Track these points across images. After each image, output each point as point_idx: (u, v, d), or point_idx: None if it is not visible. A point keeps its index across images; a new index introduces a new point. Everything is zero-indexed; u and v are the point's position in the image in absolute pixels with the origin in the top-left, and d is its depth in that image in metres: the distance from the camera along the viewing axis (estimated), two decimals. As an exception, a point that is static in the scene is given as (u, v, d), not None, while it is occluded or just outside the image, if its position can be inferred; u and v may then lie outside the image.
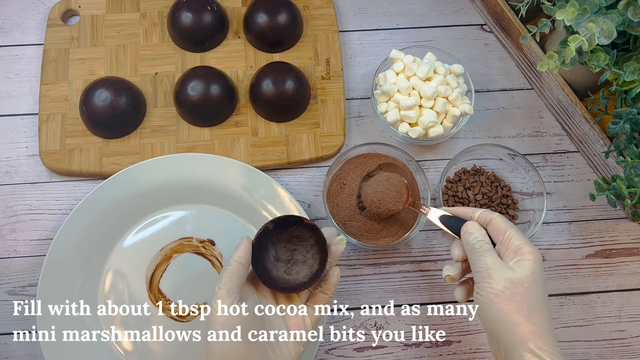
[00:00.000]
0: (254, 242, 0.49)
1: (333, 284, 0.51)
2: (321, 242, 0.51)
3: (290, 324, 0.49)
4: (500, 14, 0.68)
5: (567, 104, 0.65)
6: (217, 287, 0.47)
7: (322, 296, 0.51)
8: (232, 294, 0.46)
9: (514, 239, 0.48)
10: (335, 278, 0.51)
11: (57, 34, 0.70)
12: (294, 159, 0.67)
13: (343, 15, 0.74)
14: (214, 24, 0.69)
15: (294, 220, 0.51)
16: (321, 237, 0.51)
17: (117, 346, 0.61)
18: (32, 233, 0.65)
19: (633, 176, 0.53)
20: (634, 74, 0.52)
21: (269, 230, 0.51)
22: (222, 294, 0.46)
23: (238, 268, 0.47)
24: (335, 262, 0.52)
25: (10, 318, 0.62)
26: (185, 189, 0.64)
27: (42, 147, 0.66)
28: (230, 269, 0.47)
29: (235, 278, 0.47)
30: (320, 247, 0.51)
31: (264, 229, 0.50)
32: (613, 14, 0.51)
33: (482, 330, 0.64)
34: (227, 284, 0.46)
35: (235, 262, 0.47)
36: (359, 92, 0.71)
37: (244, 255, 0.48)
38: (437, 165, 0.69)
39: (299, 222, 0.51)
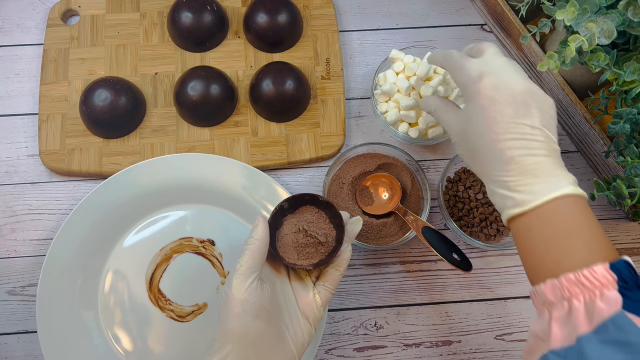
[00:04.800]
0: (270, 221, 0.50)
1: (345, 259, 0.51)
2: (337, 218, 0.51)
3: (302, 303, 0.50)
4: (500, 14, 0.68)
5: (567, 104, 0.65)
6: (238, 264, 0.46)
7: (333, 272, 0.51)
8: (253, 272, 0.46)
9: (457, 80, 0.50)
10: (348, 254, 0.51)
11: (57, 33, 0.70)
12: (294, 159, 0.67)
13: (343, 15, 0.74)
14: (214, 24, 0.69)
15: (308, 198, 0.52)
16: (337, 213, 0.51)
17: (117, 346, 0.61)
18: (32, 233, 0.65)
19: (633, 176, 0.53)
20: (634, 74, 0.52)
21: (284, 209, 0.51)
22: (242, 272, 0.46)
23: (259, 246, 0.47)
24: (351, 241, 0.52)
25: (10, 318, 0.62)
26: (185, 189, 0.64)
27: (42, 147, 0.66)
28: (252, 247, 0.47)
29: (256, 256, 0.47)
30: (336, 223, 0.52)
31: (279, 208, 0.51)
32: (613, 13, 0.51)
33: (482, 330, 0.64)
34: (248, 261, 0.46)
35: (256, 240, 0.47)
36: (359, 92, 0.71)
37: (263, 234, 0.48)
38: (437, 165, 0.69)
39: (313, 200, 0.52)
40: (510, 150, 0.44)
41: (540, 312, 0.43)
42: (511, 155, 0.44)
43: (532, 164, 0.44)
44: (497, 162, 0.45)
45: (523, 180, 0.44)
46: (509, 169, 0.44)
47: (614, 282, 0.39)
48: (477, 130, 0.46)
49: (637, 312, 0.37)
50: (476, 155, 0.47)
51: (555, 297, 0.41)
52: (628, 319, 0.37)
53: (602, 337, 0.37)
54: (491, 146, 0.45)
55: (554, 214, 0.43)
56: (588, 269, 0.39)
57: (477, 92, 0.46)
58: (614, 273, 0.39)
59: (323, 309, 0.50)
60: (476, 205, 0.64)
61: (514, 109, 0.45)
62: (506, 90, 0.46)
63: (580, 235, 0.42)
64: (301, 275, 0.52)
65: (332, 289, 0.51)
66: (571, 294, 0.40)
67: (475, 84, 0.47)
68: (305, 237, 0.51)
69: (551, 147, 0.45)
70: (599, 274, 0.39)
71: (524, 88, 0.46)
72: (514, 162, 0.44)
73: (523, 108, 0.45)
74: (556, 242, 0.42)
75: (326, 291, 0.51)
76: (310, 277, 0.52)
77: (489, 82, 0.46)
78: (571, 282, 0.40)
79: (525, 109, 0.45)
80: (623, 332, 0.37)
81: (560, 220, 0.42)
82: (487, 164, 0.46)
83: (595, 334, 0.38)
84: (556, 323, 0.40)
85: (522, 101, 0.45)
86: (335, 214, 0.52)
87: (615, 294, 0.38)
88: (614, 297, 0.38)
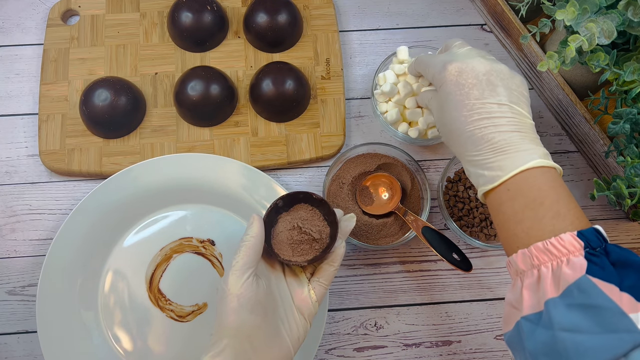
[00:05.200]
0: (265, 219, 0.50)
1: (339, 255, 0.52)
2: (331, 215, 0.52)
3: (297, 298, 0.50)
4: (500, 14, 0.68)
5: (567, 104, 0.65)
6: (234, 260, 0.47)
7: (327, 268, 0.52)
8: (248, 268, 0.47)
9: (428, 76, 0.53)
10: (342, 249, 0.52)
11: (57, 33, 0.70)
12: (294, 159, 0.67)
13: (343, 15, 0.74)
14: (214, 24, 0.69)
15: (302, 196, 0.53)
16: (331, 210, 0.52)
17: (117, 346, 0.61)
18: (32, 233, 0.65)
19: (633, 176, 0.53)
20: (634, 74, 0.52)
21: (278, 207, 0.52)
22: (239, 268, 0.46)
23: (254, 243, 0.48)
24: (344, 238, 0.53)
25: (10, 318, 0.62)
26: (185, 189, 0.64)
27: (42, 147, 0.66)
28: (247, 244, 0.48)
29: (251, 252, 0.47)
30: (330, 221, 0.53)
31: (274, 206, 0.51)
32: (613, 13, 0.51)
33: (482, 330, 0.64)
34: (244, 257, 0.47)
35: (251, 237, 0.48)
36: (359, 92, 0.71)
37: (259, 231, 0.48)
38: (437, 165, 0.69)
39: (307, 198, 0.53)
40: (480, 129, 0.46)
41: (514, 281, 0.44)
42: (480, 134, 0.46)
43: (501, 140, 0.46)
44: (469, 142, 0.47)
45: (492, 157, 0.46)
46: (479, 148, 0.46)
47: (580, 248, 0.40)
48: (448, 115, 0.49)
49: (601, 276, 0.38)
50: (452, 138, 0.49)
51: (526, 265, 0.43)
52: (592, 283, 0.38)
53: (568, 301, 0.39)
54: (462, 128, 0.47)
55: (522, 186, 0.44)
56: (556, 238, 0.41)
57: (444, 80, 0.49)
58: (582, 240, 0.40)
59: (318, 305, 0.51)
60: (476, 205, 0.64)
61: (479, 89, 0.47)
62: (470, 73, 0.48)
63: (549, 206, 0.43)
64: (296, 272, 0.52)
65: (326, 284, 0.51)
66: (540, 262, 0.41)
67: (440, 74, 0.49)
68: (300, 234, 0.52)
69: (522, 121, 0.47)
70: (566, 242, 0.41)
71: (488, 69, 0.48)
72: (483, 140, 0.46)
73: (489, 88, 0.47)
74: (526, 214, 0.44)
75: (321, 287, 0.51)
76: (305, 274, 0.52)
77: (452, 68, 0.49)
78: (540, 251, 0.42)
79: (490, 88, 0.47)
80: (587, 296, 0.38)
81: (529, 192, 0.44)
82: (460, 146, 0.48)
83: (562, 298, 0.39)
84: (527, 290, 0.42)
85: (487, 81, 0.47)
86: (329, 211, 0.52)
87: (580, 260, 0.40)
88: (579, 262, 0.39)
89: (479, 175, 0.47)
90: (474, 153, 0.47)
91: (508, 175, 0.45)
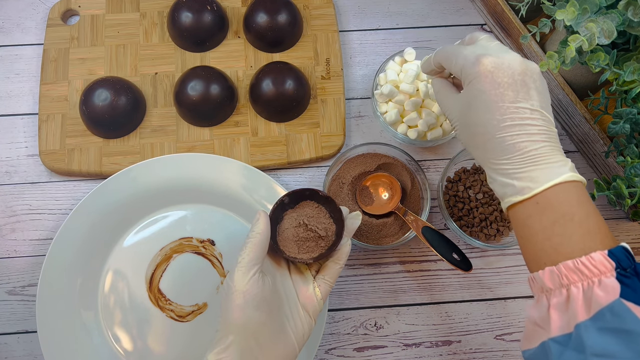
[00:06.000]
0: (271, 216, 0.50)
1: (345, 253, 0.52)
2: (336, 212, 0.52)
3: (302, 296, 0.50)
4: (500, 14, 0.68)
5: (567, 104, 0.65)
6: (240, 257, 0.47)
7: (333, 266, 0.51)
8: (254, 264, 0.46)
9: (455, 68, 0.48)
10: (348, 247, 0.52)
11: (57, 33, 0.70)
12: (294, 158, 0.67)
13: (343, 15, 0.74)
14: (214, 24, 0.69)
15: (308, 193, 0.53)
16: (336, 208, 0.52)
17: (117, 346, 0.61)
18: (32, 233, 0.65)
19: (633, 176, 0.53)
20: (634, 74, 0.52)
21: (284, 203, 0.52)
22: (244, 264, 0.46)
23: (260, 239, 0.47)
24: (350, 236, 0.52)
25: (10, 318, 0.62)
26: (185, 189, 0.64)
27: (42, 147, 0.66)
28: (254, 241, 0.47)
29: (257, 249, 0.47)
30: (336, 218, 0.52)
31: (279, 203, 0.51)
32: (613, 13, 0.51)
33: (482, 330, 0.64)
34: (250, 254, 0.47)
35: (257, 233, 0.48)
36: (359, 92, 0.71)
37: (265, 228, 0.48)
38: (437, 165, 0.69)
39: (313, 195, 0.53)
40: (512, 137, 0.43)
41: (538, 298, 0.43)
42: (512, 142, 0.43)
43: (532, 150, 0.43)
44: (498, 149, 0.44)
45: (523, 167, 0.43)
46: (509, 157, 0.44)
47: (612, 269, 0.39)
48: (477, 116, 0.45)
49: (634, 300, 0.37)
50: (475, 141, 0.46)
51: (554, 284, 0.41)
52: (626, 307, 0.37)
53: (600, 325, 0.37)
54: (492, 133, 0.44)
55: (553, 201, 0.42)
56: (586, 257, 0.39)
57: (477, 75, 0.45)
58: (612, 260, 0.39)
59: (323, 302, 0.51)
60: (476, 205, 0.64)
61: (514, 91, 0.44)
62: (507, 70, 0.44)
63: (579, 222, 0.41)
64: (301, 269, 0.52)
65: (331, 282, 0.51)
66: (569, 282, 0.40)
67: (474, 67, 0.45)
68: (306, 231, 0.52)
69: (551, 130, 0.45)
70: (597, 261, 0.39)
71: (524, 67, 0.45)
72: (514, 149, 0.43)
73: (523, 90, 0.44)
74: (555, 229, 0.42)
75: (326, 284, 0.51)
76: (310, 271, 0.52)
77: (488, 62, 0.44)
78: (570, 270, 0.40)
79: (525, 90, 0.44)
80: (620, 320, 0.37)
81: (559, 207, 0.42)
82: (487, 151, 0.45)
83: (593, 322, 0.38)
84: (555, 310, 0.40)
85: (522, 82, 0.44)
86: (335, 209, 0.52)
87: (613, 282, 0.38)
88: (612, 284, 0.38)
89: (506, 184, 0.44)
90: (504, 161, 0.44)
91: (541, 188, 0.42)
